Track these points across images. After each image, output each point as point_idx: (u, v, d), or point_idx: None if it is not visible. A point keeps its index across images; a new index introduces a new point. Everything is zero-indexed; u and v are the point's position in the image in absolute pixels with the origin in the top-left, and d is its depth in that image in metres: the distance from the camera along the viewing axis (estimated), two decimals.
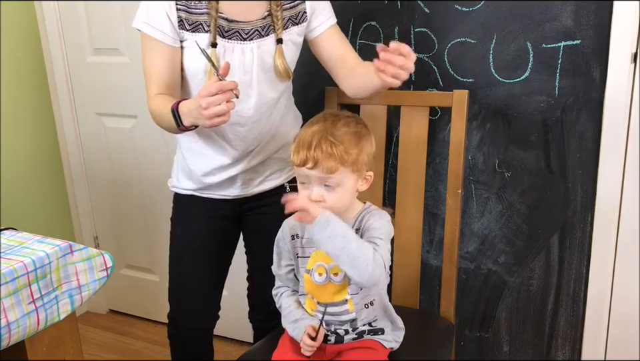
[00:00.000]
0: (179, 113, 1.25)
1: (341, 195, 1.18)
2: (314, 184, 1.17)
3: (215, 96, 1.15)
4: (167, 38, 1.32)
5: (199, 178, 1.45)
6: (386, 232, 1.20)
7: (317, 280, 1.25)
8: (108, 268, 1.21)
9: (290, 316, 1.30)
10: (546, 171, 1.56)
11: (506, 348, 1.76)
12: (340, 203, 1.19)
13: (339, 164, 1.14)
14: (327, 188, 1.17)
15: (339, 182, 1.16)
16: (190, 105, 1.23)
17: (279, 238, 1.33)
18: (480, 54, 1.54)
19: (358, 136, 1.19)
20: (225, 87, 1.16)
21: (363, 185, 1.22)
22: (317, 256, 1.25)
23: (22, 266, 1.05)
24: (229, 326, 2.09)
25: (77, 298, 1.17)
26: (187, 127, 1.26)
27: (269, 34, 1.36)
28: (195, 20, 1.31)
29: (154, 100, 1.34)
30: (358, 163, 1.17)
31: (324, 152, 1.13)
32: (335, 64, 1.44)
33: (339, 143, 1.15)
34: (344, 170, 1.16)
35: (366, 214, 1.24)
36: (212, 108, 1.16)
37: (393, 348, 1.30)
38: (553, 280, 1.64)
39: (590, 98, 1.46)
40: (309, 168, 1.15)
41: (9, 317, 1.03)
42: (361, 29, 1.66)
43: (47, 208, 2.34)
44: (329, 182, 1.16)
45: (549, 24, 1.45)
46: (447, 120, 1.59)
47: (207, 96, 1.16)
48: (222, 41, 1.33)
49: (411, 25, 1.59)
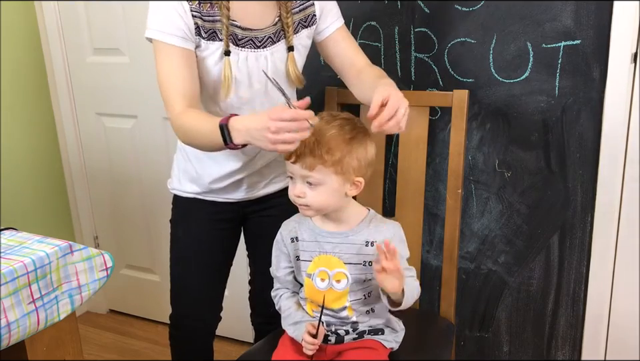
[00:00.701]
0: (229, 129, 1.16)
1: (322, 194, 1.19)
2: (297, 179, 1.19)
3: (288, 122, 1.08)
4: (187, 43, 1.25)
5: (207, 183, 1.42)
6: (406, 254, 1.26)
7: (318, 286, 1.25)
8: (108, 268, 1.21)
9: (290, 317, 1.30)
10: (546, 171, 1.56)
11: (506, 348, 1.76)
12: (320, 202, 1.20)
13: (318, 162, 1.15)
14: (309, 186, 1.18)
15: (320, 181, 1.17)
16: (249, 123, 1.13)
17: (278, 241, 1.33)
18: (480, 54, 1.54)
19: (348, 140, 1.18)
20: (301, 116, 1.08)
21: (351, 190, 1.21)
22: (320, 262, 1.26)
23: (22, 266, 1.05)
24: (230, 326, 2.08)
25: (77, 298, 1.17)
26: (236, 145, 1.17)
27: (280, 40, 1.34)
28: (209, 28, 1.27)
29: (186, 116, 1.24)
30: (342, 165, 1.17)
31: (306, 148, 1.15)
32: (344, 67, 1.43)
33: (324, 142, 1.15)
34: (324, 170, 1.16)
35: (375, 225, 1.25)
36: (282, 134, 1.08)
37: (393, 348, 1.31)
38: (553, 280, 1.64)
39: (590, 98, 1.46)
40: (292, 162, 1.17)
41: (9, 317, 1.03)
42: (361, 29, 1.66)
43: (47, 208, 2.34)
44: (310, 180, 1.17)
45: (549, 24, 1.45)
46: (447, 120, 1.59)
47: (278, 120, 1.08)
48: (235, 49, 1.30)
49: (411, 25, 1.59)
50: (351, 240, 1.24)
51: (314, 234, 1.27)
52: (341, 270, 1.24)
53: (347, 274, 1.24)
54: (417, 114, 1.50)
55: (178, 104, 1.25)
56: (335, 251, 1.25)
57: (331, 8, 1.41)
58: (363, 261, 1.24)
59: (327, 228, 1.26)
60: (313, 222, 1.28)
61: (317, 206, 1.20)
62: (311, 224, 1.28)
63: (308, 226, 1.28)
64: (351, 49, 1.43)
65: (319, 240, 1.26)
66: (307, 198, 1.19)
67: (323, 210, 1.22)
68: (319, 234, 1.27)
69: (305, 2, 1.36)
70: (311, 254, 1.27)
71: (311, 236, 1.27)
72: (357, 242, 1.24)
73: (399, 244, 1.24)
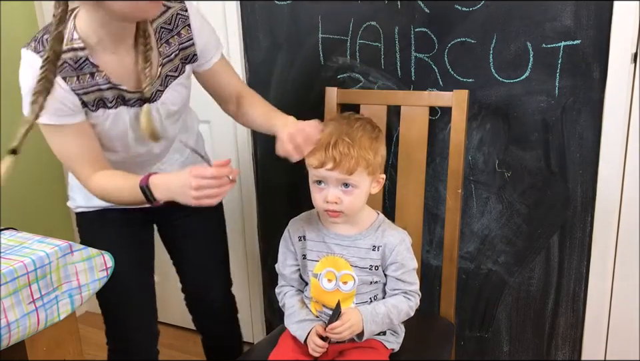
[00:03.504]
0: (149, 188, 1.17)
1: (357, 197, 1.19)
2: (330, 185, 1.17)
3: (209, 180, 1.10)
4: (76, 116, 1.22)
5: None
6: (413, 264, 1.26)
7: (325, 286, 1.25)
8: (108, 268, 1.21)
9: (294, 316, 1.30)
10: (546, 171, 1.56)
11: (506, 348, 1.76)
12: (355, 205, 1.19)
13: (357, 165, 1.15)
14: (344, 190, 1.17)
15: (357, 184, 1.17)
16: (170, 180, 1.17)
17: (285, 238, 1.32)
18: (480, 54, 1.54)
19: (374, 138, 1.20)
20: (221, 174, 1.11)
21: (375, 188, 1.23)
22: (327, 262, 1.26)
23: (22, 266, 1.05)
24: None
25: (77, 298, 1.17)
26: (159, 201, 1.19)
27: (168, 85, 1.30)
28: (96, 98, 1.23)
29: (98, 178, 1.25)
30: (374, 165, 1.18)
31: (342, 153, 1.14)
32: (222, 98, 1.43)
33: (356, 144, 1.15)
34: (361, 172, 1.16)
35: (383, 230, 1.25)
36: (204, 190, 1.10)
37: (394, 349, 1.31)
38: (553, 280, 1.64)
39: (590, 98, 1.46)
40: (329, 169, 1.15)
41: (9, 317, 1.03)
42: (361, 29, 1.66)
43: (47, 208, 2.34)
44: (349, 182, 1.16)
45: (549, 24, 1.45)
46: (447, 120, 1.59)
47: (199, 177, 1.10)
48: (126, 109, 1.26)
49: (411, 25, 1.59)
50: (359, 244, 1.25)
51: (321, 234, 1.27)
52: (348, 271, 1.24)
53: (354, 276, 1.24)
54: (417, 114, 1.50)
55: (85, 170, 1.25)
56: (343, 253, 1.25)
57: (210, 39, 1.34)
58: (369, 265, 1.24)
59: (336, 230, 1.26)
60: (321, 222, 1.28)
61: (351, 210, 1.19)
62: (319, 225, 1.28)
63: (316, 226, 1.29)
64: (229, 75, 1.41)
65: (327, 241, 1.26)
66: (342, 204, 1.17)
67: (354, 212, 1.21)
68: (326, 235, 1.27)
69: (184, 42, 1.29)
70: (318, 254, 1.27)
71: (319, 237, 1.27)
72: (364, 246, 1.24)
73: (405, 253, 1.25)
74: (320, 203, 1.20)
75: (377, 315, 1.21)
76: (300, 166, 1.25)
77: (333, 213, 1.19)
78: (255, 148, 1.95)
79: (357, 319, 1.19)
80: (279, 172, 1.93)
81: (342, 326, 1.18)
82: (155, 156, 1.39)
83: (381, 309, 1.22)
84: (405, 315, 1.25)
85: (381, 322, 1.22)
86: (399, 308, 1.23)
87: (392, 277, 1.25)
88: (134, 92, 1.26)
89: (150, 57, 1.23)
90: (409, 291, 1.25)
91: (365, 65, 1.68)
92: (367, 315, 1.21)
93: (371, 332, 1.21)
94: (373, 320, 1.21)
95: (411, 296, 1.25)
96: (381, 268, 1.25)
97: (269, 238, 2.01)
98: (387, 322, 1.23)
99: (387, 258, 1.24)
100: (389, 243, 1.24)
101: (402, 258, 1.24)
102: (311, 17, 1.70)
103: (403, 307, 1.24)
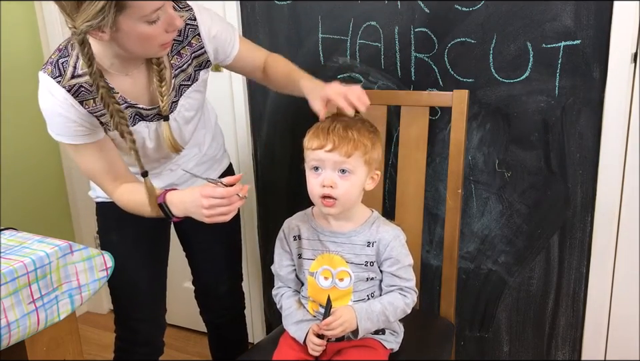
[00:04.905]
0: (167, 205, 1.22)
1: (353, 185, 1.19)
2: (327, 169, 1.18)
3: (220, 200, 1.13)
4: (95, 135, 1.25)
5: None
6: (409, 260, 1.26)
7: (322, 284, 1.25)
8: (108, 268, 1.21)
9: (291, 317, 1.30)
10: (546, 171, 1.56)
11: (506, 348, 1.76)
12: (350, 193, 1.20)
13: (355, 148, 1.16)
14: (341, 175, 1.18)
15: (353, 169, 1.18)
16: (184, 198, 1.20)
17: (280, 239, 1.33)
18: (480, 54, 1.54)
19: (371, 132, 1.22)
20: (230, 193, 1.13)
21: (369, 184, 1.23)
22: (323, 260, 1.26)
23: (22, 266, 1.05)
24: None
25: (77, 298, 1.17)
26: (179, 217, 1.24)
27: (182, 94, 1.32)
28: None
29: (121, 193, 1.30)
30: (371, 155, 1.20)
31: (341, 136, 1.16)
32: (251, 74, 1.47)
33: (355, 130, 1.18)
34: (359, 157, 1.17)
35: (377, 226, 1.26)
36: (216, 209, 1.14)
37: (394, 349, 1.31)
38: (552, 280, 1.64)
39: (590, 98, 1.46)
40: (327, 151, 1.16)
41: (9, 317, 1.03)
42: (361, 29, 1.66)
43: (47, 208, 2.34)
44: (345, 167, 1.17)
45: (549, 24, 1.45)
46: (447, 120, 1.59)
47: (209, 197, 1.13)
48: (144, 124, 1.30)
49: (411, 25, 1.59)
50: (353, 240, 1.25)
51: (316, 232, 1.28)
52: (344, 268, 1.24)
53: (350, 272, 1.24)
54: (417, 114, 1.50)
55: (108, 186, 1.31)
56: (338, 250, 1.25)
57: (223, 38, 1.34)
58: (365, 261, 1.24)
59: (330, 227, 1.27)
60: (315, 220, 1.29)
61: (345, 198, 1.19)
62: (314, 223, 1.29)
63: (310, 224, 1.29)
64: (251, 56, 1.42)
65: (322, 239, 1.27)
66: (337, 189, 1.18)
67: (347, 205, 1.21)
68: (321, 233, 1.27)
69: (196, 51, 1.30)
70: (314, 253, 1.27)
71: (314, 235, 1.28)
72: (359, 242, 1.25)
73: (400, 248, 1.25)
74: (316, 188, 1.20)
75: (372, 312, 1.21)
76: (300, 166, 1.25)
77: (327, 201, 1.19)
78: (255, 148, 1.95)
79: (349, 316, 1.19)
80: (278, 172, 1.93)
81: (334, 321, 1.18)
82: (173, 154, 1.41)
83: (376, 306, 1.22)
84: (401, 312, 1.25)
85: (376, 320, 1.22)
86: (394, 305, 1.23)
87: (387, 273, 1.25)
88: (151, 108, 1.29)
89: (164, 76, 1.26)
90: (405, 287, 1.25)
91: (365, 65, 1.68)
92: (361, 312, 1.21)
93: (366, 329, 1.21)
94: (367, 317, 1.21)
95: (407, 293, 1.25)
96: (376, 264, 1.25)
97: (268, 238, 2.01)
98: (383, 320, 1.23)
99: (382, 253, 1.24)
100: (383, 239, 1.24)
101: (397, 254, 1.24)
102: (310, 17, 1.71)
103: (399, 304, 1.24)
